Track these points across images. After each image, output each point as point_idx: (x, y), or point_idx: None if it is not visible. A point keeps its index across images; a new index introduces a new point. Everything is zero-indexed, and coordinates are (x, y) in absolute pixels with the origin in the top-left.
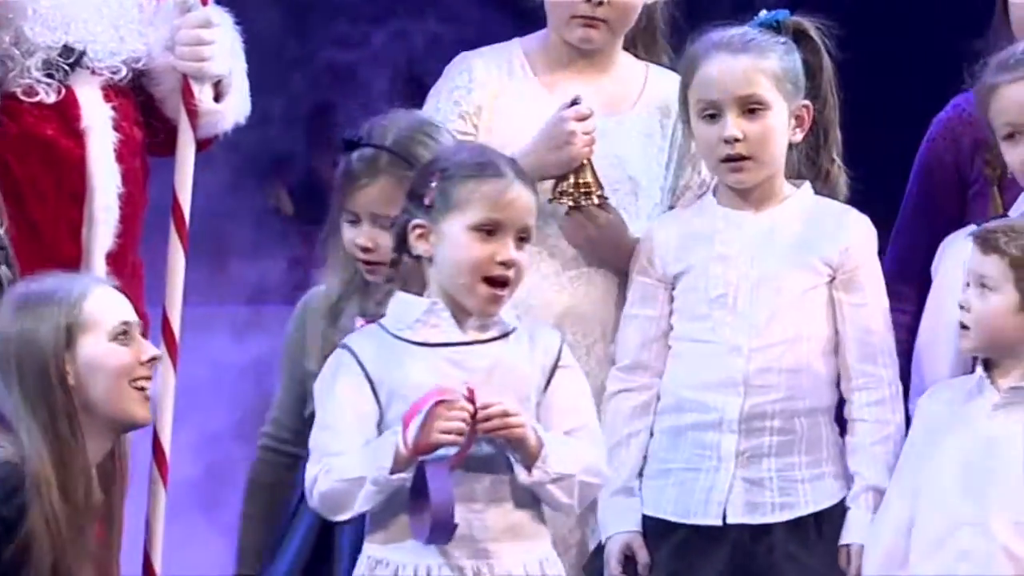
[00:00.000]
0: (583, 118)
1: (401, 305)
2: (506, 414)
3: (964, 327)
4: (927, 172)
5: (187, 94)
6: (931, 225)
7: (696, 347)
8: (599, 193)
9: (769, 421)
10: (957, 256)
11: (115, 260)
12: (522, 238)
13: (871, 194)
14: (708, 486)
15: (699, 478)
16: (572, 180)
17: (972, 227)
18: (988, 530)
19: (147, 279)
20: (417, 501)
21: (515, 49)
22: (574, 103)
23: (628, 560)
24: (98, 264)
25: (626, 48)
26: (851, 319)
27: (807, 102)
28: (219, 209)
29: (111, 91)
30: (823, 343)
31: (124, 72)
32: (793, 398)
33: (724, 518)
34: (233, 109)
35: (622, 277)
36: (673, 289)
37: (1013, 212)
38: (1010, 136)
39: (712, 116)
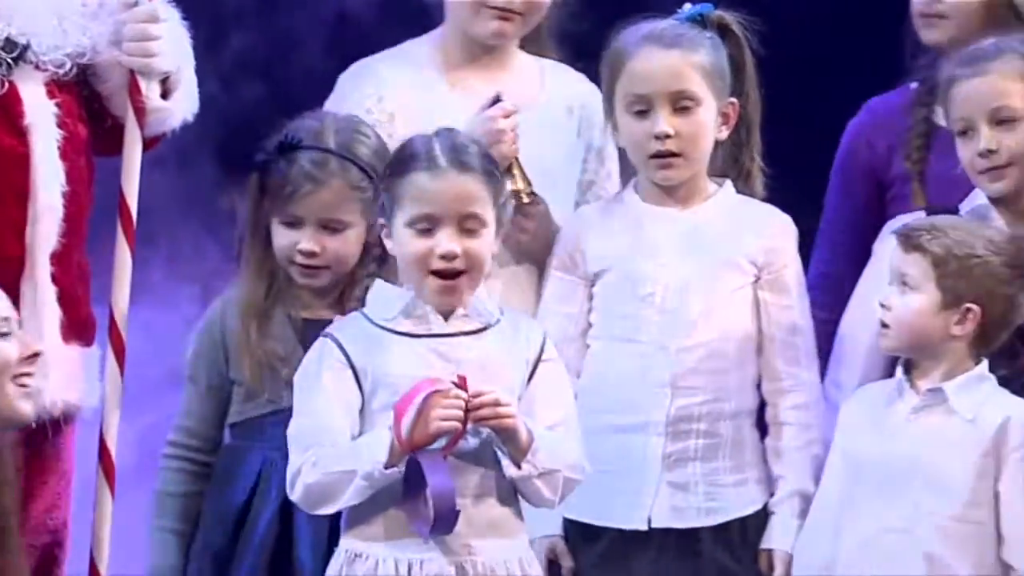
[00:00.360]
0: (509, 115)
1: (382, 295)
2: (498, 403)
3: (884, 326)
4: (844, 178)
5: (134, 90)
6: (851, 229)
7: (620, 346)
8: (528, 191)
9: (695, 424)
10: (884, 253)
11: (60, 260)
12: (468, 227)
13: (787, 193)
14: (633, 490)
15: (623, 481)
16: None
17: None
18: (912, 535)
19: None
20: (413, 495)
21: (416, 50)
22: (496, 101)
23: (552, 564)
24: (42, 264)
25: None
26: (777, 320)
27: (733, 99)
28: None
29: (55, 87)
30: (749, 344)
31: (68, 67)
32: (719, 400)
33: (649, 523)
34: (181, 106)
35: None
36: (593, 286)
37: (965, 207)
38: (963, 132)
39: (642, 112)
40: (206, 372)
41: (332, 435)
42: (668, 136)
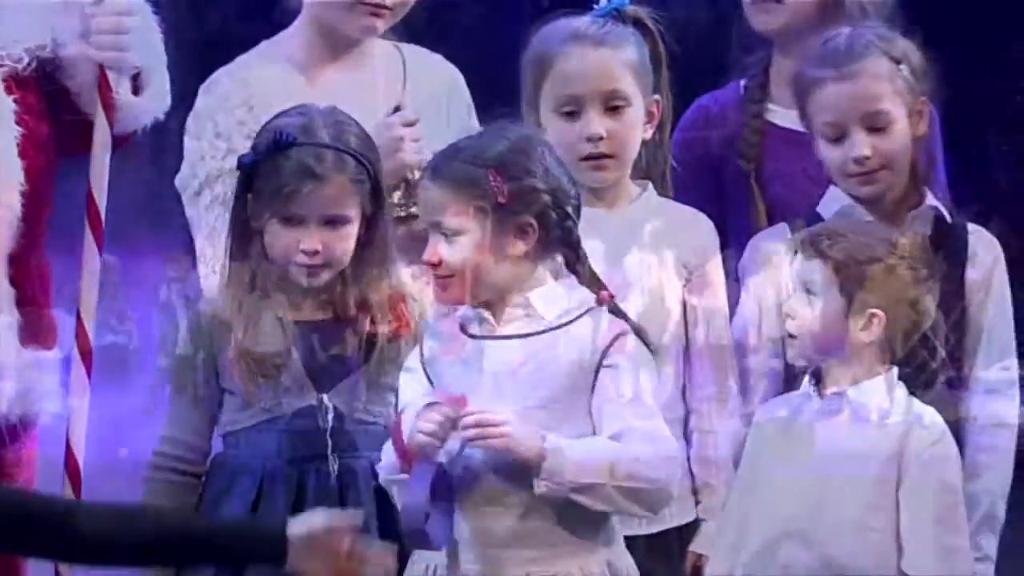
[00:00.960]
0: (410, 124)
1: None
2: (483, 423)
3: (791, 336)
4: (684, 177)
5: (103, 86)
6: None
7: None
8: None
9: None
10: (765, 260)
11: (18, 262)
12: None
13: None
14: None
15: None
16: (402, 190)
17: (782, 228)
18: (812, 540)
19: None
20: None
21: (273, 50)
22: (397, 109)
23: None
24: None
25: None
26: (704, 325)
27: (657, 96)
28: None
29: (12, 82)
30: (679, 350)
31: (27, 61)
32: None
33: None
34: (153, 103)
35: None
36: None
37: (822, 209)
38: (833, 137)
39: (571, 113)
40: (192, 381)
41: None
42: (601, 138)
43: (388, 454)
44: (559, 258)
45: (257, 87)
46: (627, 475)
